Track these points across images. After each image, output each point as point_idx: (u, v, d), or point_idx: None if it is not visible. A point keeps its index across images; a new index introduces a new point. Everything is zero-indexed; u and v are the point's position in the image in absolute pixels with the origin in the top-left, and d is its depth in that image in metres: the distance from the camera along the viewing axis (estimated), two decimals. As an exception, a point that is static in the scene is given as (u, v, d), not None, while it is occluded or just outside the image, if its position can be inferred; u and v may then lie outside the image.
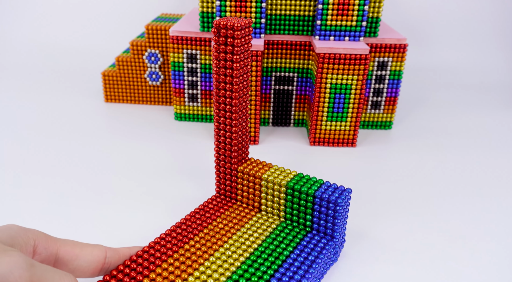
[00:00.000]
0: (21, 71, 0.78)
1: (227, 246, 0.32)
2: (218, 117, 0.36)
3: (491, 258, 0.37)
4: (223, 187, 0.39)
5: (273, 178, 0.35)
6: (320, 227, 0.34)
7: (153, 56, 0.62)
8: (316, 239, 0.34)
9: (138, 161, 0.50)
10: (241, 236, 0.33)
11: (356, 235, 0.39)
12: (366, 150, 0.55)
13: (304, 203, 0.34)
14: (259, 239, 0.33)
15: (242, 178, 0.37)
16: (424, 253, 0.37)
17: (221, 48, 0.32)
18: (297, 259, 0.31)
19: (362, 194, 0.45)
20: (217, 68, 0.34)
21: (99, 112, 0.63)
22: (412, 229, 0.40)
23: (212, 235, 0.33)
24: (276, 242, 0.33)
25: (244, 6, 0.52)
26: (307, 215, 0.34)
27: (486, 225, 0.41)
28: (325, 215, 0.33)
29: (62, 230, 0.38)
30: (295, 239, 0.34)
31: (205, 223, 0.34)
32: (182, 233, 0.33)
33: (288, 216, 0.36)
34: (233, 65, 0.33)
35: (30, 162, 0.49)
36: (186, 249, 0.31)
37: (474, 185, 0.48)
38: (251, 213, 0.37)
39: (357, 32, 0.53)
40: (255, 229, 0.35)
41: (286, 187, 0.34)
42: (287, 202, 0.35)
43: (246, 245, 0.32)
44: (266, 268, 0.30)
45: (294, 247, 0.33)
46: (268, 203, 0.36)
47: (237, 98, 0.34)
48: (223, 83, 0.34)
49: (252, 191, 0.37)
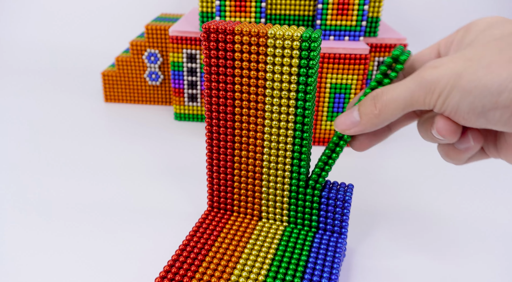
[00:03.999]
0: (21, 71, 0.78)
1: (243, 261, 0.31)
2: (210, 121, 0.34)
3: (490, 257, 0.37)
4: (217, 199, 0.37)
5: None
6: (327, 226, 0.34)
7: (153, 56, 0.62)
8: (326, 239, 0.34)
9: (138, 161, 0.50)
10: (253, 248, 0.32)
11: (358, 235, 0.39)
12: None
13: (310, 204, 0.34)
14: (272, 248, 0.32)
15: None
16: (423, 253, 0.37)
17: (212, 53, 0.31)
18: (317, 262, 0.31)
19: (362, 194, 0.45)
20: (209, 75, 0.32)
21: (98, 112, 0.63)
22: (412, 229, 0.40)
23: (223, 253, 0.32)
24: (290, 248, 0.32)
25: (244, 6, 0.52)
26: (313, 216, 0.34)
27: (485, 225, 0.41)
28: (332, 213, 0.34)
29: (62, 230, 0.38)
30: (306, 242, 0.33)
31: (210, 240, 0.33)
32: (191, 256, 0.31)
33: (292, 219, 0.35)
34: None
35: (30, 160, 0.49)
36: (203, 272, 0.30)
37: (474, 184, 0.47)
38: (252, 223, 0.35)
39: (357, 32, 0.53)
40: (263, 238, 0.33)
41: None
42: (291, 205, 0.34)
43: (262, 257, 0.32)
44: (292, 277, 0.30)
45: (309, 250, 0.32)
46: (270, 209, 0.35)
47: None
48: (217, 82, 0.32)
49: (251, 193, 0.35)
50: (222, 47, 0.31)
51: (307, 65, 0.29)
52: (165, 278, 0.29)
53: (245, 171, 0.35)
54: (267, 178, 0.34)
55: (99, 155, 0.51)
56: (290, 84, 0.30)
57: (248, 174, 0.35)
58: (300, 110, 0.30)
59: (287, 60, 0.29)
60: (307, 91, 0.30)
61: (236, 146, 0.34)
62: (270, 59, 0.30)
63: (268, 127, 0.32)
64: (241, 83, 0.31)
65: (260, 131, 0.32)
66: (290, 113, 0.31)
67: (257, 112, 0.32)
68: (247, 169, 0.34)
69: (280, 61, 0.29)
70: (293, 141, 0.32)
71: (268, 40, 0.29)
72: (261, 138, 0.33)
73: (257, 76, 0.31)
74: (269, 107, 0.31)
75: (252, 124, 0.32)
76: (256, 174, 0.34)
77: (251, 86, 0.31)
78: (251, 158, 0.34)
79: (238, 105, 0.32)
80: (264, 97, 0.31)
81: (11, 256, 0.35)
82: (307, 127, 0.31)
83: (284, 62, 0.29)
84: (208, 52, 0.31)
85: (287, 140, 0.32)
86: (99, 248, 0.36)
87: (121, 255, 0.36)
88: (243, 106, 0.32)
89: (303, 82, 0.30)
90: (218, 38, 0.30)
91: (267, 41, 0.29)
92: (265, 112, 0.32)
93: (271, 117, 0.32)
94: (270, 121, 0.32)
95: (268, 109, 0.31)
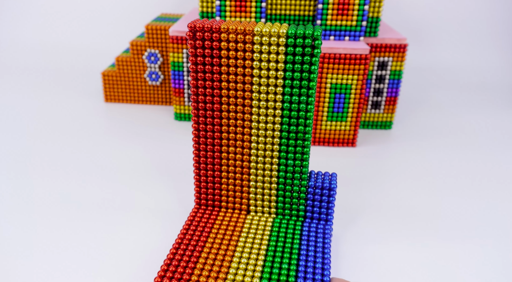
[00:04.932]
0: (21, 71, 0.78)
1: (238, 254, 0.32)
2: (197, 119, 0.34)
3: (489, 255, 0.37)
4: (204, 196, 0.37)
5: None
6: (314, 214, 0.36)
7: (153, 56, 0.62)
8: (314, 226, 0.36)
9: (138, 160, 0.50)
10: (246, 241, 0.33)
11: (357, 234, 0.39)
12: (366, 150, 0.55)
13: (297, 194, 0.36)
14: (264, 240, 0.33)
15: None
16: (423, 252, 0.37)
17: (198, 52, 0.31)
18: (309, 249, 0.33)
19: (362, 194, 0.45)
20: (195, 74, 0.32)
21: (99, 112, 0.63)
22: (412, 229, 0.40)
23: (218, 248, 0.33)
24: (281, 238, 0.34)
25: (244, 6, 0.52)
26: (301, 205, 0.36)
27: (484, 224, 0.41)
28: (319, 202, 0.36)
29: (61, 230, 0.38)
30: (296, 231, 0.35)
31: (203, 237, 0.34)
32: (186, 253, 0.32)
33: (280, 210, 0.36)
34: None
35: (29, 161, 0.49)
36: (201, 268, 0.31)
37: (474, 184, 0.48)
38: (241, 217, 0.36)
39: (357, 32, 0.53)
40: (254, 231, 0.34)
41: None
42: (279, 197, 0.36)
43: (256, 248, 0.33)
44: (287, 265, 0.31)
45: (299, 239, 0.34)
46: (258, 202, 0.36)
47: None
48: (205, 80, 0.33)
49: (239, 188, 0.36)
50: (208, 46, 0.31)
51: (293, 61, 0.30)
52: (164, 277, 0.30)
53: (232, 166, 0.36)
54: (255, 172, 0.35)
55: (99, 155, 0.51)
56: (277, 79, 0.31)
57: (236, 169, 0.36)
58: (286, 105, 0.32)
59: (274, 57, 0.30)
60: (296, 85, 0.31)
61: (223, 142, 0.35)
62: (256, 56, 0.31)
63: (256, 123, 0.33)
64: (228, 81, 0.32)
65: (248, 127, 0.33)
66: (277, 108, 0.32)
67: (244, 108, 0.33)
68: (235, 164, 0.35)
69: (266, 58, 0.30)
70: (280, 135, 0.33)
71: (254, 38, 0.30)
72: (248, 134, 0.34)
73: (243, 73, 0.31)
74: (256, 103, 0.32)
75: (239, 120, 0.33)
76: (244, 168, 0.35)
77: (238, 83, 0.32)
78: (238, 154, 0.35)
79: (225, 103, 0.33)
80: (251, 93, 0.32)
81: (8, 255, 0.35)
82: (293, 121, 0.33)
83: (270, 59, 0.30)
84: (194, 50, 0.32)
85: (274, 134, 0.33)
86: (96, 247, 0.36)
87: (121, 255, 0.36)
88: (230, 103, 0.33)
89: (289, 77, 0.31)
90: (204, 36, 0.31)
91: (253, 38, 0.30)
92: (252, 108, 0.33)
93: (258, 112, 0.33)
94: (258, 116, 0.33)
95: (255, 105, 0.32)
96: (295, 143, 0.33)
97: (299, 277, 0.30)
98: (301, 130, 0.33)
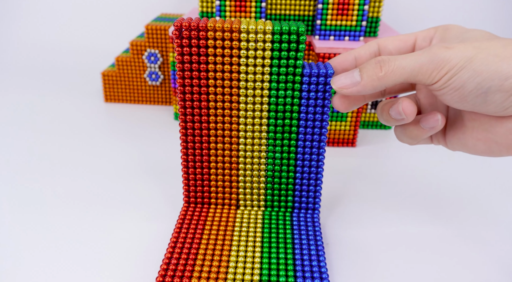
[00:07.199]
0: (21, 71, 0.78)
1: (235, 248, 0.33)
2: (184, 117, 0.35)
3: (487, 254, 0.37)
4: (193, 194, 0.38)
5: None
6: (301, 204, 0.37)
7: (153, 56, 0.62)
8: (302, 215, 0.37)
9: (137, 161, 0.50)
10: (240, 235, 0.34)
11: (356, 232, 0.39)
12: (366, 149, 0.55)
13: (285, 186, 0.36)
14: (258, 232, 0.34)
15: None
16: (422, 251, 0.37)
17: (184, 50, 0.31)
18: (301, 237, 0.34)
19: (362, 194, 0.45)
20: (181, 72, 0.32)
21: (98, 112, 0.63)
22: (412, 228, 0.40)
23: (214, 244, 0.33)
24: (274, 230, 0.35)
25: (244, 6, 0.52)
26: (289, 197, 0.37)
27: (483, 223, 0.41)
28: (306, 192, 0.37)
29: (60, 230, 0.38)
30: (287, 221, 0.36)
31: (197, 234, 0.34)
32: (184, 251, 0.32)
33: (269, 203, 0.37)
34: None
35: (30, 160, 0.49)
36: (201, 264, 0.31)
37: (473, 184, 0.48)
38: (232, 212, 0.37)
39: (357, 32, 0.53)
40: (246, 225, 0.35)
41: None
42: (267, 190, 0.37)
43: (251, 241, 0.33)
44: (284, 254, 0.32)
45: (291, 228, 0.35)
46: (247, 196, 0.37)
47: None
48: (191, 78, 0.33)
49: (227, 184, 0.36)
50: (195, 44, 0.31)
51: (279, 56, 0.31)
52: (166, 276, 0.30)
53: (221, 163, 0.36)
54: (243, 167, 0.36)
55: (99, 155, 0.51)
56: (263, 75, 0.32)
57: (224, 165, 0.36)
58: (273, 99, 0.33)
59: (260, 53, 0.31)
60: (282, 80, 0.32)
61: (211, 139, 0.35)
62: (243, 52, 0.31)
63: (243, 118, 0.34)
64: (215, 78, 0.32)
65: (235, 123, 0.34)
66: (264, 103, 0.33)
67: (232, 105, 0.33)
68: (223, 160, 0.36)
69: (253, 54, 0.31)
70: (268, 129, 0.34)
71: (241, 35, 0.30)
72: (236, 130, 0.34)
73: (230, 70, 0.32)
74: (243, 99, 0.33)
75: (227, 117, 0.34)
76: (232, 164, 0.36)
77: (225, 80, 0.32)
78: (227, 150, 0.35)
79: (212, 100, 0.33)
80: (238, 90, 0.33)
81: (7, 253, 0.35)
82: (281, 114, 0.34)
83: (257, 55, 0.31)
84: (181, 49, 0.32)
85: (261, 128, 0.34)
86: (92, 245, 0.36)
87: (120, 254, 0.36)
88: (217, 100, 0.33)
89: (276, 72, 0.32)
90: (191, 35, 0.31)
91: (240, 35, 0.30)
92: (239, 104, 0.33)
93: (245, 108, 0.33)
94: (245, 112, 0.33)
95: (243, 101, 0.33)
96: (282, 137, 0.34)
97: (297, 265, 0.31)
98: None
